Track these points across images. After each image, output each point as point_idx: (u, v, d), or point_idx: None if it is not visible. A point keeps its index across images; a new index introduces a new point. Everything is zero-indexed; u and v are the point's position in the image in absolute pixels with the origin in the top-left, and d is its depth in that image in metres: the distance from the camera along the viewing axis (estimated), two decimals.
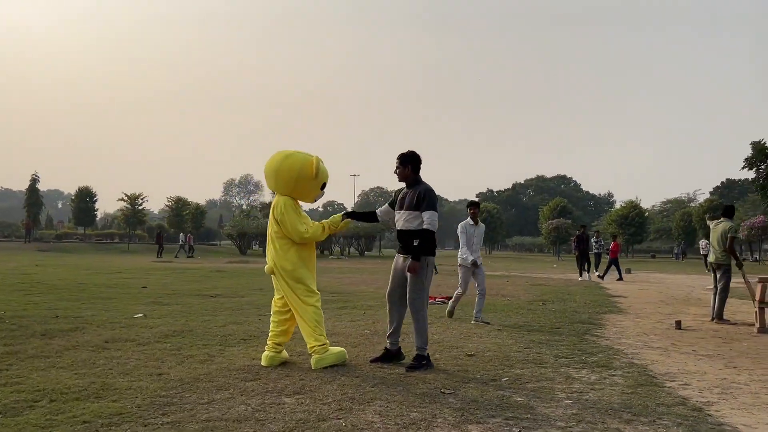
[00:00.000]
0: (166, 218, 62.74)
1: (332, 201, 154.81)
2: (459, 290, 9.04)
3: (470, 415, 3.99)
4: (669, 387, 4.95)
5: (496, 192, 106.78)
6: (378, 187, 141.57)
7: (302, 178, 5.59)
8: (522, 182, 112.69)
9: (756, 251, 57.20)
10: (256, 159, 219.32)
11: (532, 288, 16.19)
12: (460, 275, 9.09)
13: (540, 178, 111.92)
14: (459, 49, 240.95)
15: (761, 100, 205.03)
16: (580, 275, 20.95)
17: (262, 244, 51.31)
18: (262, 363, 5.66)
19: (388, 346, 5.80)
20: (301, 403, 4.29)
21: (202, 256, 40.62)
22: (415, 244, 5.55)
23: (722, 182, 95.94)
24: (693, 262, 48.45)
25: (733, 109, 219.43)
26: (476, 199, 9.49)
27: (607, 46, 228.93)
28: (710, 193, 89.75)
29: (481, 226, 9.21)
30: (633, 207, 59.61)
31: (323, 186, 5.85)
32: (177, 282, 16.43)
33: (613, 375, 5.36)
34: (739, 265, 9.99)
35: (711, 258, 10.06)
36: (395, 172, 5.85)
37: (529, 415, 4.00)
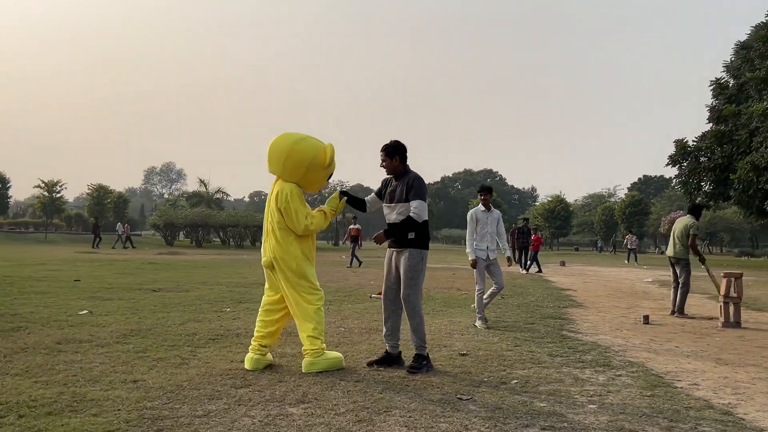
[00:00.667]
0: (86, 207, 59.81)
1: (259, 191, 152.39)
2: (478, 287, 8.12)
3: (503, 425, 3.67)
4: (681, 387, 4.80)
5: (434, 182, 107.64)
6: (339, 182, 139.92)
7: (314, 165, 5.17)
8: (450, 176, 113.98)
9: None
10: (178, 146, 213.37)
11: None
12: (475, 271, 8.23)
13: (468, 172, 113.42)
14: (389, 46, 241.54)
15: (675, 99, 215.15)
16: (522, 267, 21.15)
17: (189, 234, 49.81)
18: (246, 366, 5.18)
19: (388, 349, 5.40)
20: (311, 413, 3.87)
21: (113, 246, 38.85)
22: (411, 237, 5.21)
23: (639, 178, 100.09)
24: (617, 255, 50.13)
25: (648, 108, 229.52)
26: (488, 184, 8.36)
27: (531, 44, 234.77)
28: (628, 189, 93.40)
29: (495, 212, 8.50)
30: (559, 201, 61.21)
31: (330, 176, 5.45)
32: (110, 275, 15.49)
33: (620, 375, 5.17)
34: (702, 260, 10.15)
35: (670, 252, 10.16)
36: (382, 166, 5.45)
37: (565, 424, 3.72)
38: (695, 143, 36.94)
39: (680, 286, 9.83)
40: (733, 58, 39.56)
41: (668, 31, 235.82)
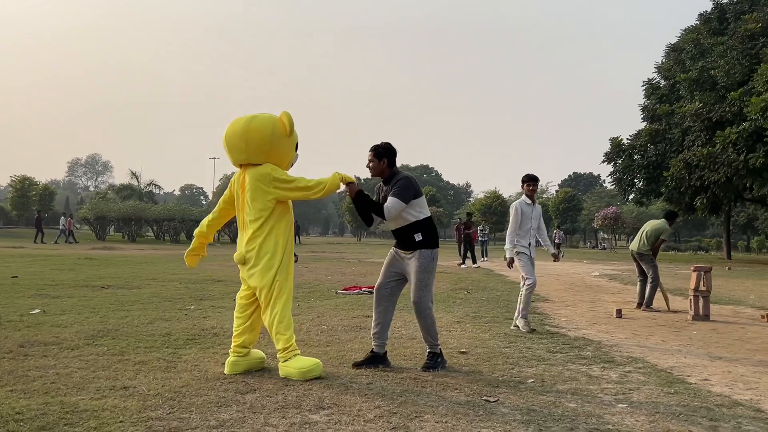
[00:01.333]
0: (9, 199, 56.68)
1: (190, 184, 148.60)
2: (529, 281, 7.30)
3: (546, 429, 3.47)
4: (695, 383, 4.73)
5: (364, 179, 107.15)
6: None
7: (277, 137, 4.78)
8: None
9: (607, 240, 61.59)
10: (103, 137, 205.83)
11: (439, 276, 16.01)
12: (520, 265, 7.43)
13: (404, 167, 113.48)
14: (327, 46, 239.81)
15: (605, 98, 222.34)
16: (474, 262, 21.23)
17: (120, 228, 47.93)
18: (226, 370, 4.77)
19: (374, 348, 5.08)
20: (338, 421, 3.57)
21: (56, 241, 36.98)
22: (419, 238, 4.92)
23: (569, 175, 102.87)
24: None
25: (578, 106, 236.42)
26: (533, 173, 7.60)
27: (466, 41, 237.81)
28: (559, 185, 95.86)
29: (538, 206, 7.75)
30: (496, 197, 62.18)
31: (297, 146, 5.04)
32: (48, 271, 14.60)
33: (629, 372, 5.08)
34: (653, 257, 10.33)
35: (634, 247, 10.28)
36: (368, 166, 5.14)
37: (609, 426, 3.55)
38: (630, 141, 38.09)
39: (650, 281, 9.94)
40: (664, 60, 41.02)
41: (601, 32, 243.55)
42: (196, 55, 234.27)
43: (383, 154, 5.04)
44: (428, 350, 5.06)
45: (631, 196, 39.63)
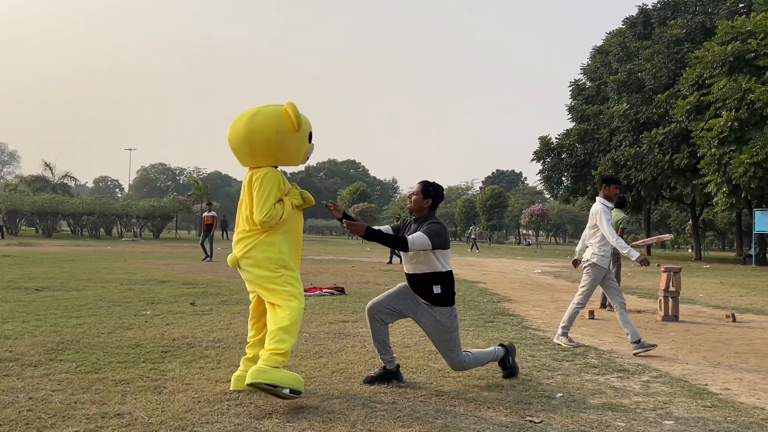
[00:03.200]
0: None
1: (105, 176, 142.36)
2: (581, 300, 6.59)
3: None
4: (721, 394, 4.59)
5: (290, 174, 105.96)
6: (160, 164, 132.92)
7: (283, 134, 4.27)
8: (314, 165, 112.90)
9: (530, 236, 62.99)
10: (10, 126, 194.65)
11: (387, 273, 15.73)
12: (589, 279, 6.53)
13: (332, 162, 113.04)
14: (248, 32, 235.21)
15: (529, 98, 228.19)
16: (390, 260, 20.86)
17: (33, 223, 45.23)
18: (231, 386, 4.33)
19: (386, 365, 4.69)
20: None
21: None
22: (437, 291, 4.54)
23: (493, 172, 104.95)
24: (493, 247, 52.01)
25: (502, 104, 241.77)
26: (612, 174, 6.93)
27: (385, 37, 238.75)
28: (483, 182, 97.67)
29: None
30: None
31: (311, 136, 4.52)
32: None
33: (648, 382, 4.90)
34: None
35: None
36: (409, 198, 4.78)
37: None
38: (558, 140, 39.01)
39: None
40: (590, 62, 42.23)
41: (527, 34, 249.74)
42: (107, 40, 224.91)
43: (431, 194, 4.70)
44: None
45: (558, 194, 40.59)
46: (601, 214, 6.44)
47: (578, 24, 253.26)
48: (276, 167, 4.44)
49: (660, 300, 8.91)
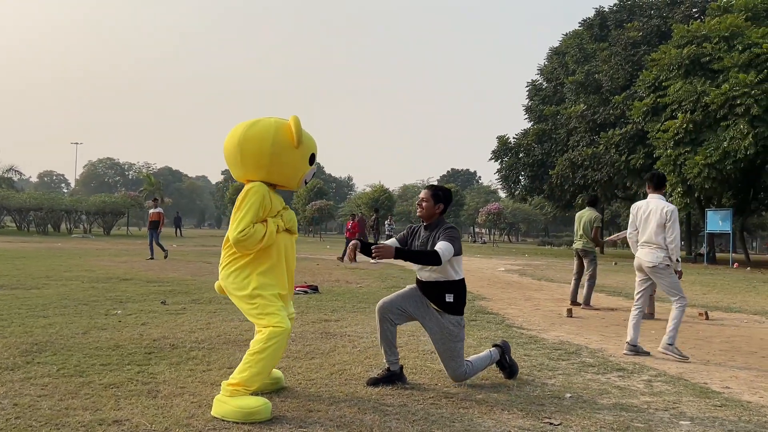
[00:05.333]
0: None
1: (50, 171, 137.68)
2: (682, 300, 6.10)
3: None
4: (725, 393, 4.59)
5: None
6: (108, 158, 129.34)
7: (279, 148, 3.91)
8: None
9: (483, 234, 63.55)
10: None
11: (356, 272, 15.55)
12: (671, 277, 6.11)
13: None
14: (198, 28, 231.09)
15: (483, 98, 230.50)
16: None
17: None
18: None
19: (390, 367, 4.55)
20: None
21: None
22: (449, 300, 4.43)
23: (448, 171, 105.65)
24: None
25: (458, 104, 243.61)
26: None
27: (349, 35, 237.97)
28: (437, 180, 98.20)
29: None
30: (383, 191, 62.53)
31: (312, 158, 4.13)
32: None
33: (651, 381, 4.87)
34: (601, 251, 10.43)
35: (578, 245, 10.31)
36: (419, 205, 4.60)
37: None
38: (516, 140, 39.41)
39: (588, 278, 10.01)
40: (547, 63, 42.83)
41: (484, 34, 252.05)
42: (51, 32, 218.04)
43: (441, 199, 4.57)
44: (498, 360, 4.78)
45: (516, 193, 41.00)
46: (675, 214, 6.15)
47: (535, 25, 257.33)
48: (273, 185, 4.10)
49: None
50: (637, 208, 6.39)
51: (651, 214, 6.20)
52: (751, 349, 6.61)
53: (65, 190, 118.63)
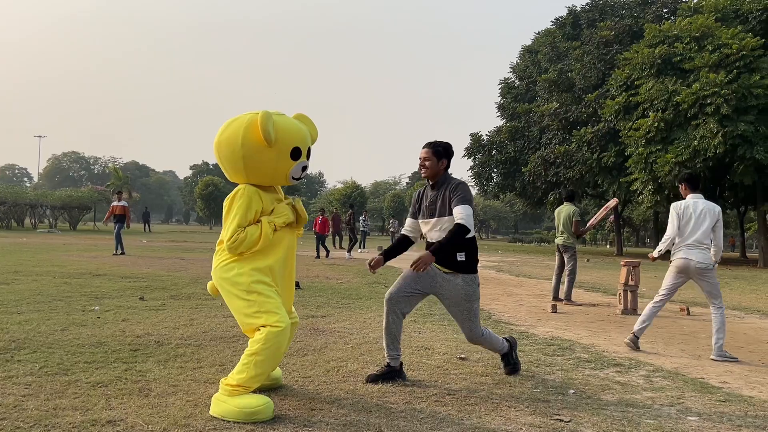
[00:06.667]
0: None
1: (12, 165, 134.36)
2: (721, 303, 5.95)
3: None
4: (723, 387, 4.59)
5: (212, 165, 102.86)
6: (73, 152, 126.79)
7: (249, 148, 3.65)
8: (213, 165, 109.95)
9: None
10: None
11: (335, 268, 15.40)
12: (714, 280, 5.95)
13: None
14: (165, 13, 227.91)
15: (457, 96, 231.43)
16: (339, 251, 20.76)
17: None
18: None
19: (389, 361, 4.44)
20: None
21: None
22: (461, 258, 4.29)
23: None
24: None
25: (425, 102, 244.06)
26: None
27: (321, 30, 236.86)
28: (409, 178, 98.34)
29: None
30: (355, 187, 62.35)
31: (296, 153, 3.79)
32: None
33: (649, 376, 4.84)
34: (581, 236, 10.42)
35: (559, 241, 10.30)
36: (423, 166, 4.43)
37: None
38: (489, 137, 39.59)
39: (568, 273, 10.02)
40: (519, 61, 43.09)
41: (456, 32, 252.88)
42: (15, 19, 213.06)
43: (443, 154, 4.42)
44: (503, 353, 4.69)
45: (488, 190, 41.20)
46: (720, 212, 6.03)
47: (508, 22, 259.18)
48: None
49: (620, 294, 9.01)
50: (683, 207, 6.10)
51: (705, 214, 5.98)
52: (738, 344, 6.64)
53: (28, 185, 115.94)
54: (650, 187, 26.53)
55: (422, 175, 4.47)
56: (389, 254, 4.52)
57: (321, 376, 4.46)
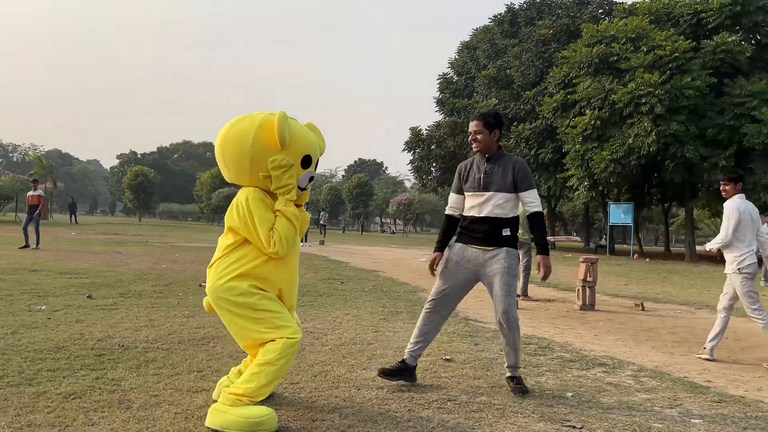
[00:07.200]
0: None
1: None
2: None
3: None
4: (710, 387, 4.63)
5: (141, 155, 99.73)
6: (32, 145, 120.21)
7: (259, 148, 3.43)
8: (168, 146, 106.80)
9: (389, 225, 63.88)
10: None
11: (301, 262, 15.01)
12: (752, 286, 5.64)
13: (187, 144, 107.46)
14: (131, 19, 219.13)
15: (388, 89, 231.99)
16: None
17: None
18: (214, 395, 3.74)
19: (407, 358, 4.25)
20: None
21: None
22: (506, 233, 4.18)
23: (355, 161, 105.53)
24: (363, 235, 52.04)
25: (362, 95, 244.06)
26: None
27: (253, 21, 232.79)
28: (345, 171, 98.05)
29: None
30: None
31: (307, 161, 3.57)
32: None
33: (637, 377, 4.84)
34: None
35: (526, 237, 10.35)
36: (474, 140, 4.28)
37: None
38: (428, 132, 39.75)
39: (523, 269, 10.07)
40: (457, 56, 43.43)
41: (396, 25, 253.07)
42: None
43: (494, 125, 4.29)
44: (516, 375, 4.26)
45: (427, 184, 41.41)
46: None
47: (446, 17, 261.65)
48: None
49: (578, 290, 9.11)
50: (740, 210, 5.68)
51: (757, 218, 5.76)
52: (699, 340, 6.77)
53: None
54: (586, 183, 27.25)
55: (474, 149, 4.33)
56: (445, 244, 4.37)
57: (309, 382, 4.24)
